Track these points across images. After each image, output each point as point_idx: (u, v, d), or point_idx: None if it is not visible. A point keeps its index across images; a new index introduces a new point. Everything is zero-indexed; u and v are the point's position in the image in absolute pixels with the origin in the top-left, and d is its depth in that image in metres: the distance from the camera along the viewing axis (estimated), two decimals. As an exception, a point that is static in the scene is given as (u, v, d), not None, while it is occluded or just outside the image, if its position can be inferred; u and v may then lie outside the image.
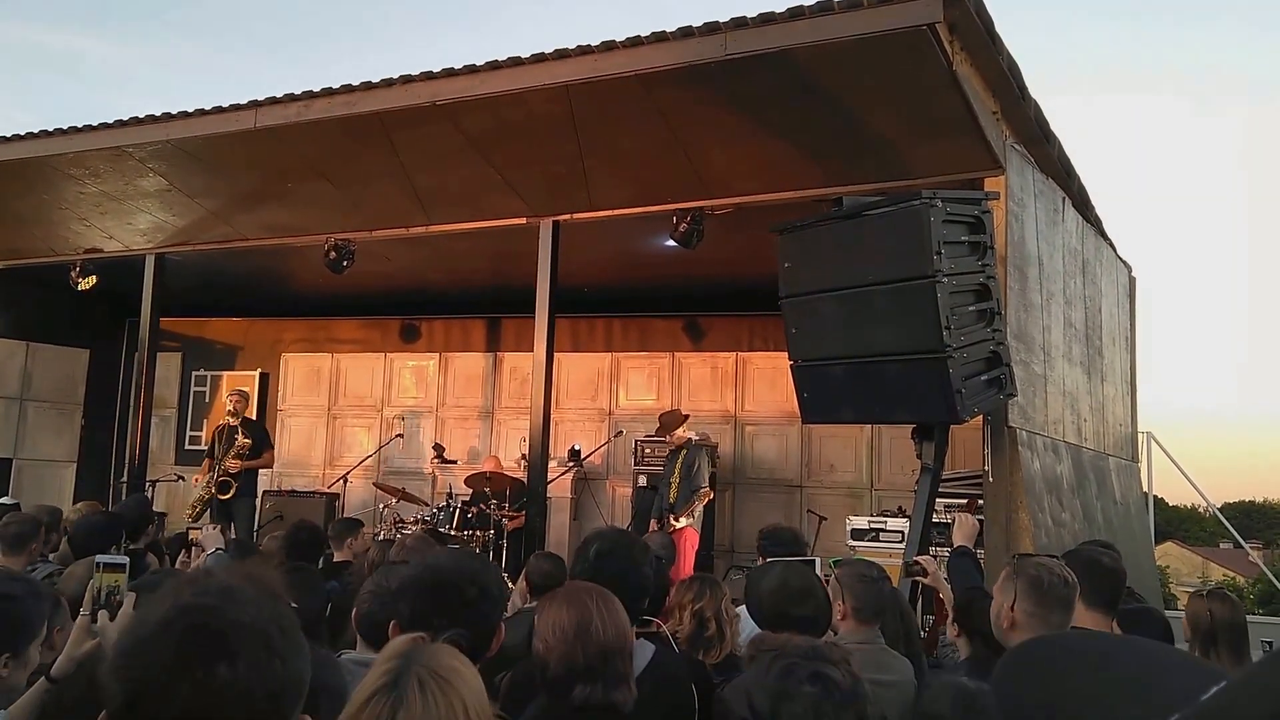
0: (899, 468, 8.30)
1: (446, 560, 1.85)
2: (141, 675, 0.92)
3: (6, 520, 3.93)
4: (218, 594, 0.97)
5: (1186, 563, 37.19)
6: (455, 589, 1.73)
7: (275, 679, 0.94)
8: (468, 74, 5.41)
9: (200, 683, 0.90)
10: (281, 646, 0.96)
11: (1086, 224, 6.83)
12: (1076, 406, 6.35)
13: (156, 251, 8.12)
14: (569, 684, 1.90)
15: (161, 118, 6.37)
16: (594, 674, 1.89)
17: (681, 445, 7.48)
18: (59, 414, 10.50)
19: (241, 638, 0.94)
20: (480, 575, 1.79)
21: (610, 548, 2.49)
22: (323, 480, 9.94)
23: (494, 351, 10.12)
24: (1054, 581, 2.50)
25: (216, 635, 0.93)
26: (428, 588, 1.75)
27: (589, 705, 1.89)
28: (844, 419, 5.53)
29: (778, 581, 2.75)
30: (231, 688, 0.91)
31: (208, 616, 0.94)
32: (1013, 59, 5.08)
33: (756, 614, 2.83)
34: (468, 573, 1.78)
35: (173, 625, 0.93)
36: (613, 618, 1.96)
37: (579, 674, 1.89)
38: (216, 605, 0.95)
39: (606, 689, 1.90)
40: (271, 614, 0.98)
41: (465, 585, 1.74)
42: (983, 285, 4.42)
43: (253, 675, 0.93)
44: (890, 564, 4.21)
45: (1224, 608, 3.02)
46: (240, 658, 0.92)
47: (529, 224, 6.60)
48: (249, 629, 0.94)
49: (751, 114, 5.25)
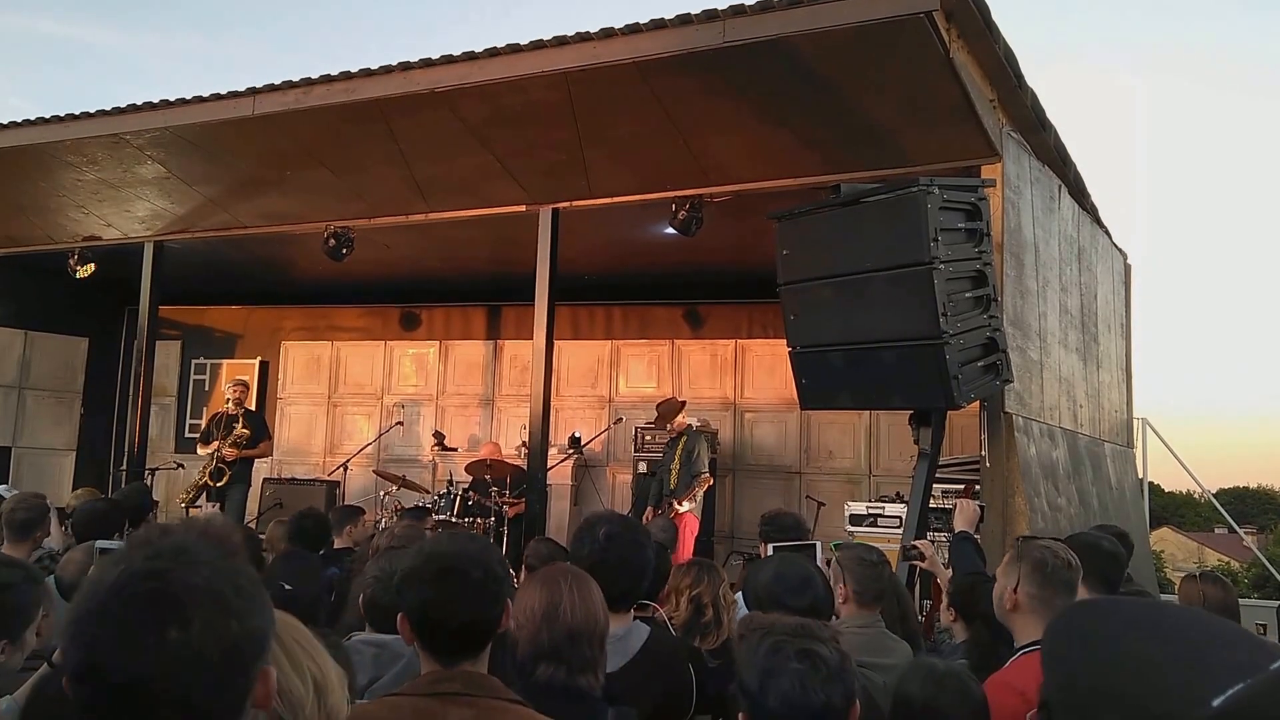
0: (897, 454, 8.35)
1: (447, 546, 1.83)
2: (94, 642, 0.92)
3: (13, 507, 3.94)
4: (170, 556, 0.97)
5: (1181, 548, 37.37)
6: (460, 574, 1.74)
7: (230, 638, 0.95)
8: (466, 61, 5.42)
9: (153, 648, 0.91)
10: (236, 606, 0.96)
11: (1082, 211, 6.85)
12: (1072, 392, 6.38)
13: (155, 239, 8.12)
14: (533, 664, 1.91)
15: (160, 105, 6.36)
16: (559, 656, 1.90)
17: (681, 432, 7.54)
18: (58, 402, 10.51)
19: (194, 601, 0.93)
20: (482, 557, 1.79)
21: (619, 530, 2.52)
22: (323, 468, 9.97)
23: (494, 339, 10.14)
24: (1058, 564, 2.53)
25: (169, 600, 0.93)
26: (431, 577, 1.75)
27: (552, 685, 1.89)
28: (842, 405, 5.55)
29: (772, 573, 2.75)
30: (185, 651, 0.92)
31: (159, 581, 0.94)
32: (1009, 47, 5.09)
33: (755, 607, 2.84)
34: (469, 556, 1.78)
35: (124, 590, 0.93)
36: (584, 601, 1.96)
37: (543, 654, 1.90)
38: (168, 568, 0.95)
39: (571, 672, 1.90)
40: (227, 573, 0.98)
41: (470, 569, 1.75)
42: (979, 272, 4.45)
43: (206, 637, 0.93)
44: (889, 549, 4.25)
45: (1216, 590, 3.06)
46: (193, 621, 0.92)
47: (528, 211, 6.62)
48: (202, 591, 0.94)
49: (750, 102, 5.26)
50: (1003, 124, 5.35)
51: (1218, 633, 0.59)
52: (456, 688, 1.68)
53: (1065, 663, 0.60)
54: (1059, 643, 0.62)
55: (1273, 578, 10.38)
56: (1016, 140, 5.55)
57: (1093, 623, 0.63)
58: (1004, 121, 5.39)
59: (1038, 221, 5.78)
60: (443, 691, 1.67)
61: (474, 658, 1.74)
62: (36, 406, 10.29)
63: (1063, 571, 2.54)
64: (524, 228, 6.65)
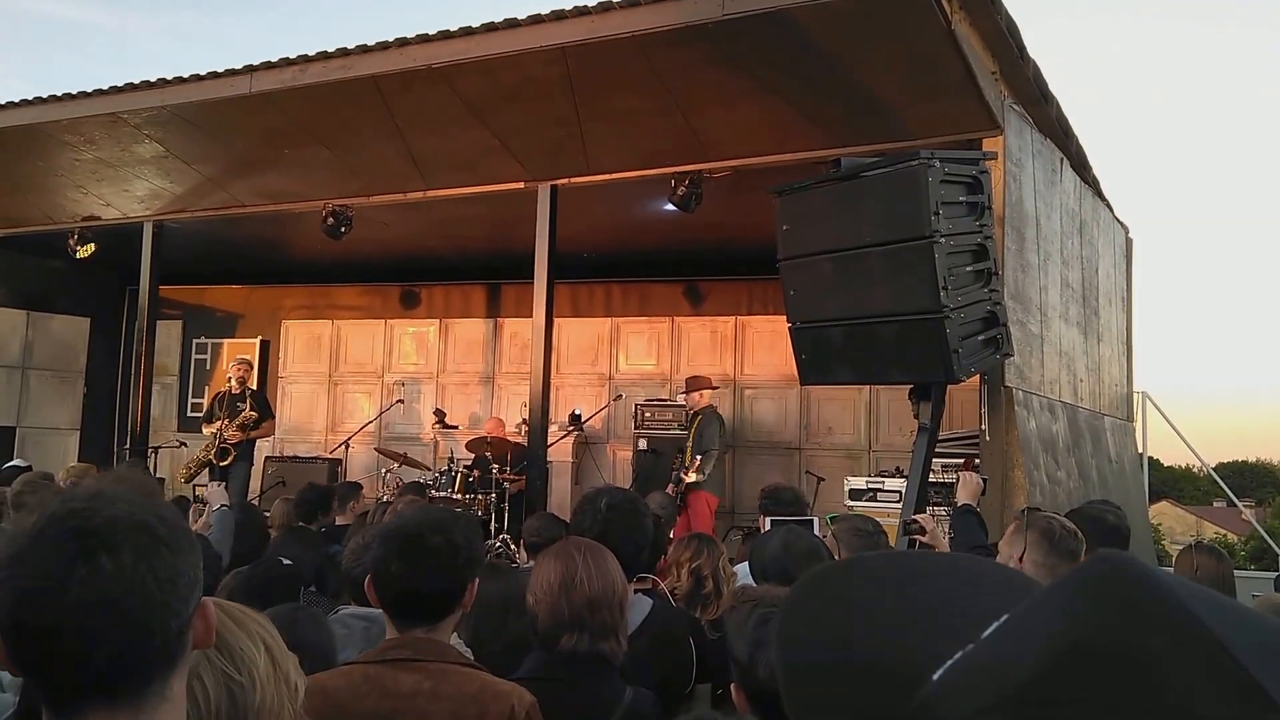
0: (897, 429, 8.37)
1: (413, 514, 1.88)
2: (24, 583, 0.89)
3: (20, 489, 3.96)
4: (86, 498, 0.95)
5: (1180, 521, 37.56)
6: (419, 539, 1.76)
7: (166, 565, 0.92)
8: (463, 37, 5.38)
9: (86, 578, 0.88)
10: (164, 534, 0.94)
11: (1084, 184, 6.83)
12: (1073, 366, 6.39)
13: (155, 219, 8.10)
14: (556, 635, 1.94)
15: (157, 83, 6.33)
16: (581, 624, 1.94)
17: (699, 410, 7.59)
18: (61, 382, 10.54)
19: (119, 530, 0.91)
20: (446, 526, 1.81)
21: (619, 500, 2.58)
22: (325, 446, 10.01)
23: (494, 317, 10.14)
24: (1064, 534, 2.55)
25: (92, 532, 0.91)
26: (392, 542, 1.78)
27: (576, 654, 1.93)
28: (842, 380, 5.56)
29: (781, 545, 2.79)
30: (120, 576, 0.89)
31: (79, 518, 0.92)
32: (1011, 18, 5.05)
33: (761, 579, 2.87)
34: (433, 523, 1.80)
35: (45, 531, 0.91)
36: (600, 571, 2.00)
37: (565, 625, 1.94)
38: (86, 507, 0.93)
39: (594, 639, 1.94)
40: (148, 508, 0.96)
41: (429, 535, 1.77)
42: (980, 245, 4.44)
43: (140, 563, 0.91)
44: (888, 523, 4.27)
45: (1211, 560, 3.08)
46: (122, 547, 0.90)
47: (527, 188, 6.59)
48: (125, 521, 0.92)
49: (749, 75, 5.22)
50: (1004, 96, 5.32)
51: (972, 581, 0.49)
52: (407, 654, 1.72)
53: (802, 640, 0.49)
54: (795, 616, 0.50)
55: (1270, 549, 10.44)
56: (1018, 113, 5.52)
57: (839, 586, 0.51)
58: (1006, 94, 5.36)
59: (1039, 195, 5.76)
60: (393, 658, 1.71)
61: (432, 625, 1.77)
62: (40, 386, 10.32)
63: (1069, 541, 2.56)
64: (523, 205, 6.63)
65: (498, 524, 7.59)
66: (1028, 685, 0.37)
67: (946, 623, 0.44)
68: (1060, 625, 0.38)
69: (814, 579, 0.53)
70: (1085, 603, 0.38)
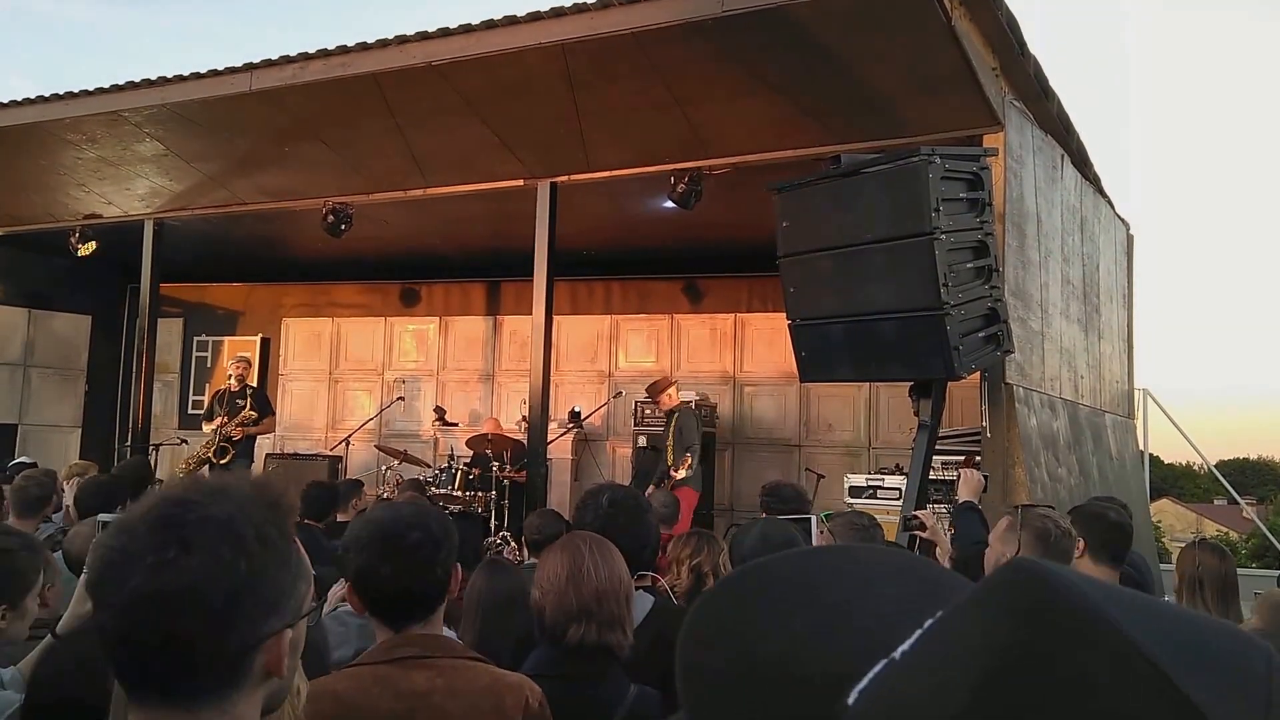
0: (897, 426, 8.36)
1: (385, 512, 1.86)
2: (107, 555, 0.93)
3: (24, 484, 3.96)
4: (205, 491, 0.96)
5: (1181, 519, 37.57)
6: (396, 537, 1.75)
7: (236, 578, 0.91)
8: (463, 34, 5.38)
9: (151, 567, 0.90)
10: (253, 550, 0.93)
11: (1085, 181, 6.82)
12: (1074, 363, 6.39)
13: (155, 217, 8.10)
14: (564, 627, 1.94)
15: (157, 82, 6.33)
16: (589, 614, 1.94)
17: (674, 410, 7.59)
18: (62, 380, 10.55)
19: (206, 530, 0.92)
20: (420, 519, 1.80)
21: (622, 496, 2.59)
22: (325, 443, 10.01)
23: (494, 315, 10.14)
24: (1059, 534, 2.55)
25: (178, 523, 0.92)
26: (367, 540, 1.77)
27: (584, 645, 1.93)
28: (842, 377, 5.56)
29: (759, 537, 2.79)
30: (182, 576, 0.90)
31: (180, 508, 0.94)
32: (1012, 14, 5.04)
33: None
34: (406, 519, 1.79)
35: (148, 514, 0.94)
36: (607, 563, 2.01)
37: (573, 616, 1.94)
38: (196, 500, 0.95)
39: (600, 630, 1.94)
40: (256, 517, 0.95)
41: (405, 531, 1.75)
42: (981, 242, 4.44)
43: (209, 569, 0.91)
44: (888, 521, 4.28)
45: (1213, 558, 3.07)
46: (194, 550, 0.91)
47: (526, 186, 6.59)
48: (217, 524, 0.92)
49: (749, 72, 5.22)
50: (1005, 93, 5.31)
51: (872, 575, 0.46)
52: (414, 651, 1.70)
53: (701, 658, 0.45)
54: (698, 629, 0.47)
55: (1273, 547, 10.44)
56: (1019, 109, 5.51)
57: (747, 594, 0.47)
58: (1006, 90, 5.35)
59: (1040, 191, 5.75)
60: (401, 657, 1.69)
61: (422, 621, 1.75)
62: (41, 384, 10.33)
63: (1063, 540, 2.56)
64: (523, 202, 6.63)
65: (497, 521, 7.60)
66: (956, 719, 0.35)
67: (860, 625, 0.42)
68: (979, 645, 0.37)
69: (728, 580, 0.51)
70: (1001, 620, 0.37)
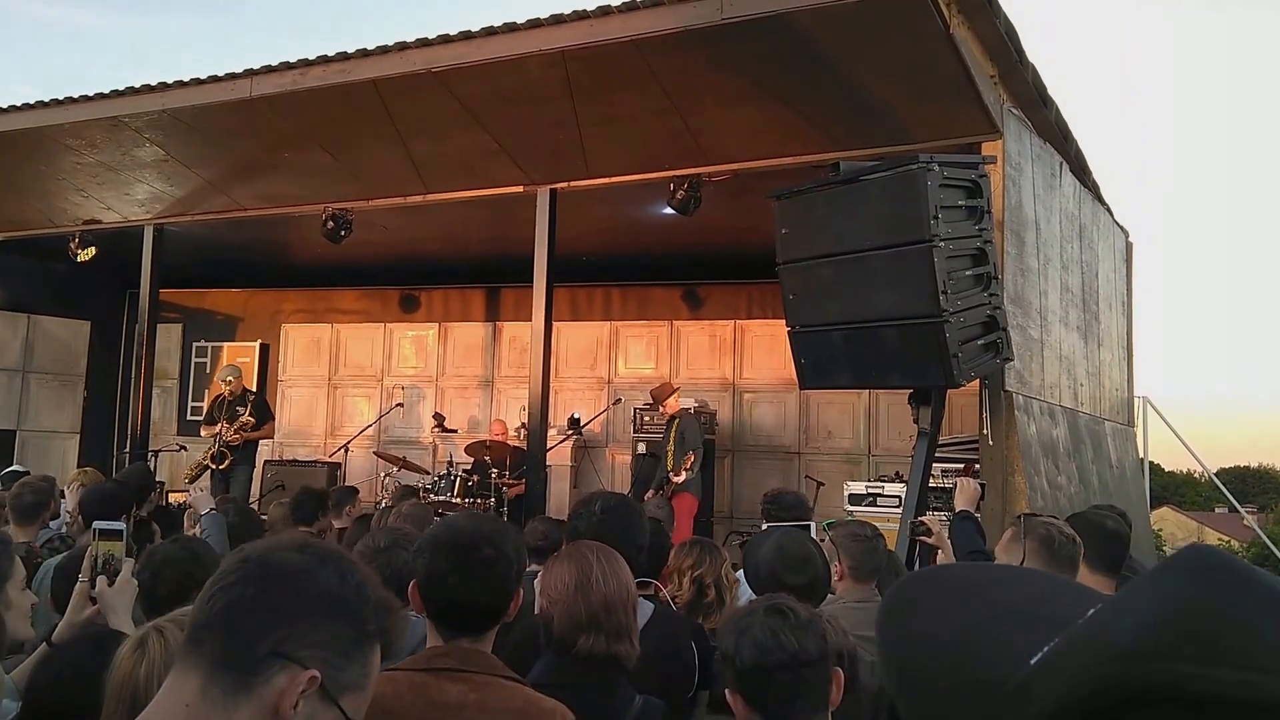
0: (896, 433, 8.36)
1: (465, 521, 1.87)
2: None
3: (20, 491, 3.94)
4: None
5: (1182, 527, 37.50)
6: (472, 549, 1.76)
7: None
8: (463, 41, 5.38)
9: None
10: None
11: (1084, 188, 6.83)
12: (1073, 371, 6.38)
13: (155, 222, 8.11)
14: (573, 637, 1.94)
15: (157, 87, 6.34)
16: (597, 625, 1.93)
17: (675, 415, 7.59)
18: (61, 385, 10.54)
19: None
20: (497, 537, 1.82)
21: (614, 503, 2.59)
22: (324, 449, 10.00)
23: (493, 321, 10.14)
24: (1063, 541, 2.54)
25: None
26: (444, 549, 1.78)
27: (593, 656, 1.92)
28: (841, 384, 5.56)
29: (774, 549, 2.77)
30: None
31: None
32: (1010, 22, 5.05)
33: (754, 581, 2.85)
34: (485, 534, 1.81)
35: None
36: (614, 571, 2.00)
37: (581, 626, 1.93)
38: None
39: (609, 640, 1.93)
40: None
41: (483, 545, 1.77)
42: (980, 250, 4.43)
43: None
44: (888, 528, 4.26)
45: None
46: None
47: (526, 192, 6.59)
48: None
49: (749, 79, 5.22)
50: (1003, 100, 5.32)
51: (1048, 590, 0.55)
52: (452, 663, 1.69)
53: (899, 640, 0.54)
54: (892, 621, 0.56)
55: (1273, 555, 10.42)
56: (1017, 117, 5.52)
57: (923, 594, 0.57)
58: (1005, 98, 5.36)
59: (1039, 199, 5.76)
60: (437, 667, 1.69)
61: (476, 636, 1.76)
62: (40, 390, 10.32)
63: (1068, 548, 2.55)
64: (522, 209, 6.63)
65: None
66: (1135, 642, 0.40)
67: (1043, 617, 0.48)
68: (1162, 595, 0.42)
69: (904, 584, 0.59)
70: (1183, 578, 0.42)
